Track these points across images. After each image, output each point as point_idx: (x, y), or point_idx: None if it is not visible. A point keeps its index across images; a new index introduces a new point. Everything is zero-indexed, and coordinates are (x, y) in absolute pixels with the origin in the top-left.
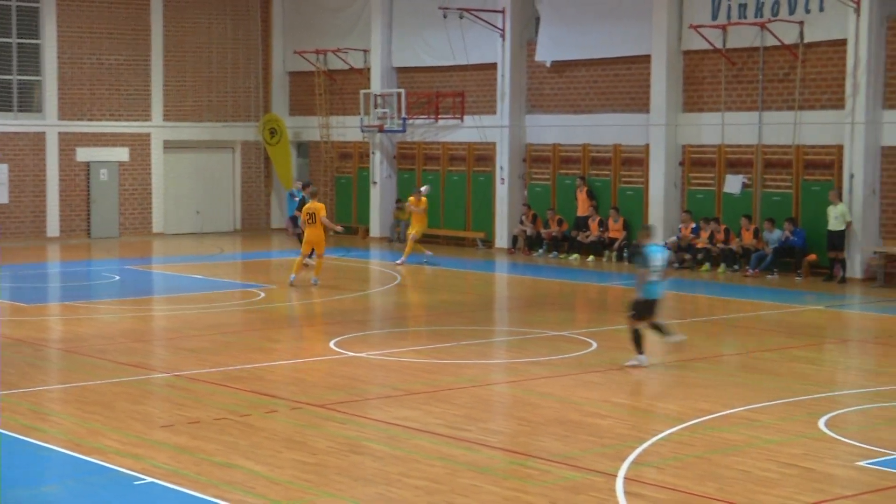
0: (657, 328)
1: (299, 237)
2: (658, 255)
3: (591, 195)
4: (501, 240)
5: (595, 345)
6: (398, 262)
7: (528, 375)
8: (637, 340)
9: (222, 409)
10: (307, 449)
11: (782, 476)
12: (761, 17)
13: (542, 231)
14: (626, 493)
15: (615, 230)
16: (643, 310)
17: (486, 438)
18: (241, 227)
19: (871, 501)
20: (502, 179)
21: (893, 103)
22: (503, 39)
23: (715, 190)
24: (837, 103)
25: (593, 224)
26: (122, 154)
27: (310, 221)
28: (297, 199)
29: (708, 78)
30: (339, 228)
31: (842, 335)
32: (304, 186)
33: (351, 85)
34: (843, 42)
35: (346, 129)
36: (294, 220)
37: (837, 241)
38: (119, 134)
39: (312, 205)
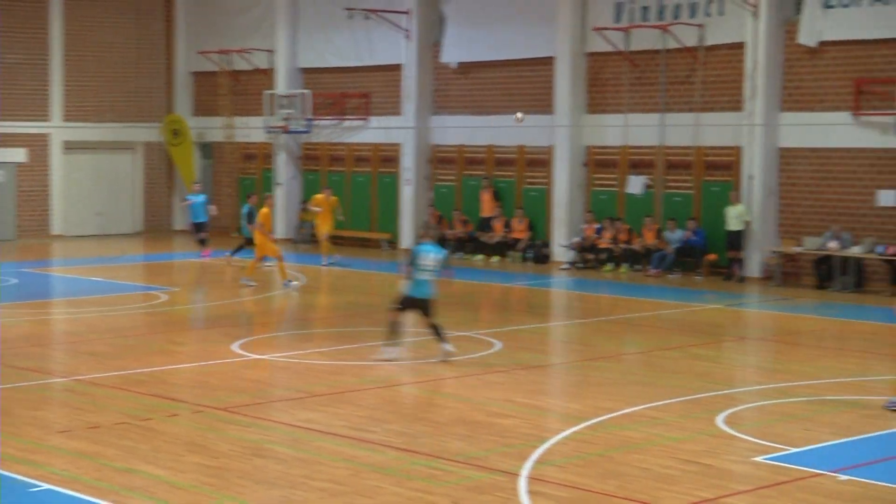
0: (435, 330)
1: (202, 241)
2: (429, 254)
3: (496, 196)
4: (406, 241)
5: (499, 345)
6: (323, 263)
7: (433, 376)
8: (392, 331)
9: (123, 413)
10: (209, 452)
11: (682, 473)
12: (663, 19)
13: (448, 232)
14: (530, 491)
15: (519, 231)
16: (406, 305)
17: (390, 440)
18: (144, 229)
19: (767, 496)
20: (408, 180)
21: (790, 105)
22: (409, 40)
23: (618, 190)
24: (736, 105)
25: (498, 225)
26: (19, 155)
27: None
28: (188, 202)
29: (611, 80)
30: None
31: (740, 333)
32: (248, 196)
33: (255, 85)
34: (742, 45)
35: (251, 129)
36: (197, 226)
37: (736, 240)
38: (16, 134)
39: (261, 210)
